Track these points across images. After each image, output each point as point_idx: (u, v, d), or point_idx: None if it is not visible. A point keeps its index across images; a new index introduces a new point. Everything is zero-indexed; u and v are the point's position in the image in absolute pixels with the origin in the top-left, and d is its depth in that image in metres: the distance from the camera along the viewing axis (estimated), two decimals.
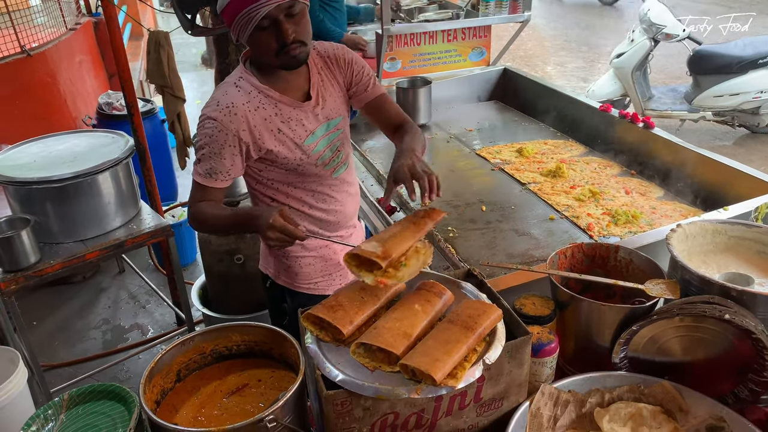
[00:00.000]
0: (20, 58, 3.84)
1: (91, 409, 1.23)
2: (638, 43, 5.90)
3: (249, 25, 1.55)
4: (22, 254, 2.48)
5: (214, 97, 1.69)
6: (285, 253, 1.90)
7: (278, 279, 1.97)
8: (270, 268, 1.99)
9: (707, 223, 1.58)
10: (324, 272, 1.96)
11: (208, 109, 1.67)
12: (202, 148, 1.68)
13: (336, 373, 1.15)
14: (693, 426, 1.30)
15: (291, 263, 1.92)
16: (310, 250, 1.91)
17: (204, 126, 1.66)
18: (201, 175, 1.69)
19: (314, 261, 1.93)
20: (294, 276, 1.94)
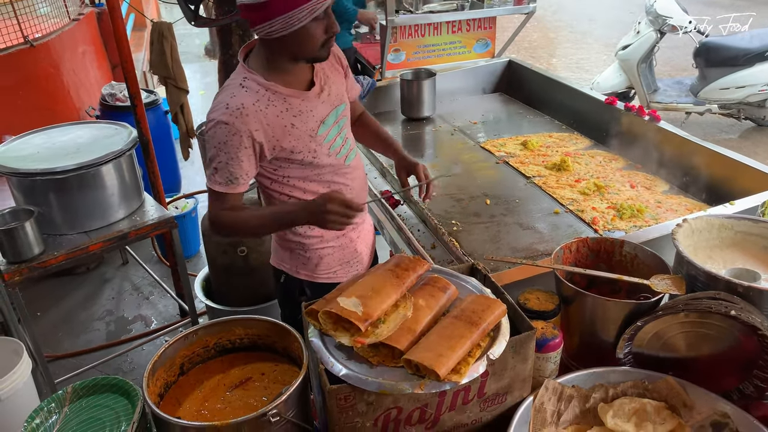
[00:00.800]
0: (23, 49, 3.82)
1: (95, 402, 1.23)
2: (644, 34, 5.85)
3: (310, 15, 1.52)
4: (25, 245, 2.49)
5: (221, 101, 1.64)
6: (304, 246, 1.90)
7: (297, 273, 1.96)
8: (285, 264, 1.98)
9: (713, 218, 1.57)
10: (342, 260, 1.98)
11: (217, 114, 1.62)
12: (216, 156, 1.63)
13: (339, 367, 1.14)
14: (697, 422, 1.29)
15: (311, 255, 1.92)
16: (329, 240, 1.92)
17: (216, 132, 1.61)
18: (221, 184, 1.65)
19: (333, 251, 1.94)
20: (314, 267, 1.94)
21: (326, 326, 1.20)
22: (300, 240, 1.89)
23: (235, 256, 3.00)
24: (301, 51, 1.63)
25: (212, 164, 1.65)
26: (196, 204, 4.18)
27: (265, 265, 3.10)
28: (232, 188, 1.66)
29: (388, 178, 2.67)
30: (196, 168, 5.26)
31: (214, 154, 1.63)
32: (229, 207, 1.69)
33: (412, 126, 3.32)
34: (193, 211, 4.10)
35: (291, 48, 1.63)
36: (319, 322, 1.22)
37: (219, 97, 1.67)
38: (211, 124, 1.63)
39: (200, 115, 6.60)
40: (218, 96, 1.68)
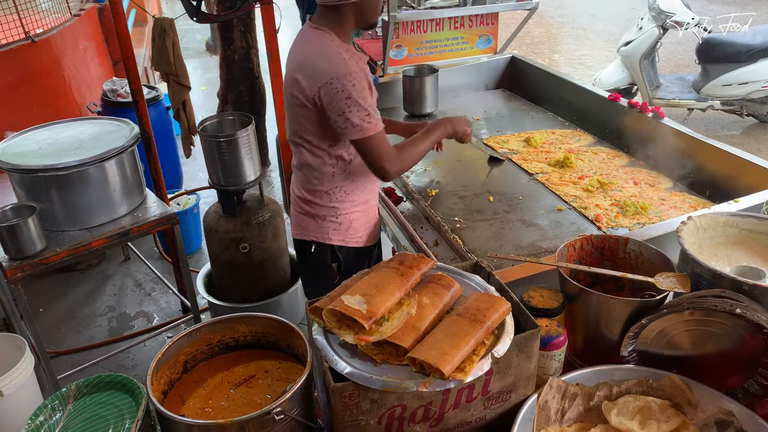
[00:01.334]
0: (25, 45, 3.82)
1: (99, 400, 1.23)
2: (647, 30, 5.84)
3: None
4: (28, 242, 2.49)
5: (334, 57, 1.79)
6: (337, 211, 2.07)
7: (329, 240, 2.11)
8: (314, 234, 2.11)
9: (718, 216, 1.56)
10: (366, 225, 2.17)
11: (344, 68, 1.77)
12: (364, 102, 1.79)
13: (344, 365, 1.14)
14: (702, 420, 1.29)
15: (342, 220, 2.09)
16: (357, 205, 2.10)
17: (353, 82, 1.76)
18: (378, 123, 1.83)
19: (360, 215, 2.12)
20: (345, 232, 2.11)
21: (330, 324, 1.20)
22: (335, 205, 2.06)
23: (237, 252, 3.00)
24: (371, 16, 1.91)
25: (362, 113, 1.78)
26: (198, 200, 4.18)
27: (267, 262, 3.12)
28: (381, 123, 1.86)
29: None
30: (198, 164, 5.25)
31: (362, 103, 1.78)
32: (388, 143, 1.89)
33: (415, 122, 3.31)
34: (195, 207, 4.10)
35: (364, 13, 1.88)
36: (324, 320, 1.21)
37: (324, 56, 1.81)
38: (345, 78, 1.76)
39: (203, 111, 6.60)
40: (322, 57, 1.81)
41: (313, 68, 1.80)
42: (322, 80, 1.77)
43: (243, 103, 4.84)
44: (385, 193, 2.50)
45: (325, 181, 2.02)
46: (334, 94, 1.76)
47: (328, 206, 2.07)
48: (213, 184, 2.98)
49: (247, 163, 2.91)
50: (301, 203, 2.12)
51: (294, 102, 1.89)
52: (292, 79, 1.88)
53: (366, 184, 2.11)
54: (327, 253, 2.14)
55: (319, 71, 1.79)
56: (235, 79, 4.79)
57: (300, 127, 1.94)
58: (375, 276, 1.29)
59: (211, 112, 6.49)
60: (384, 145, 1.86)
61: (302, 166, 2.05)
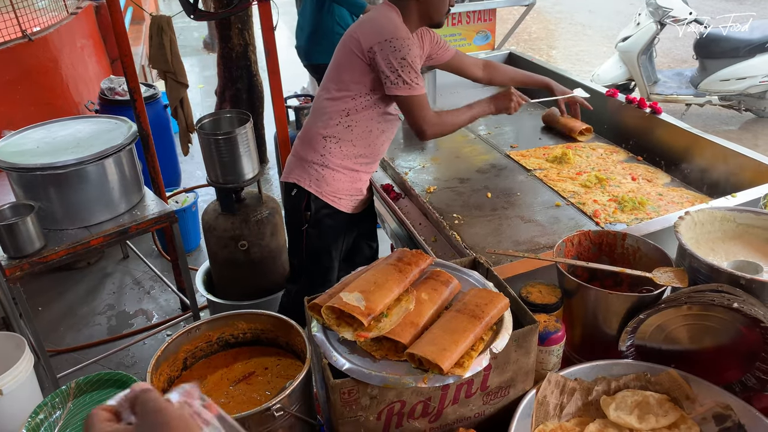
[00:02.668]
0: (22, 43, 3.81)
1: (98, 398, 1.24)
2: (644, 26, 5.84)
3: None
4: (26, 240, 2.49)
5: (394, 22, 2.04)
6: (322, 162, 2.23)
7: (308, 186, 2.26)
8: (297, 177, 2.28)
9: (716, 211, 1.57)
10: (347, 192, 2.30)
11: (401, 32, 2.02)
12: (415, 67, 2.03)
13: (343, 361, 1.14)
14: (700, 414, 1.30)
15: (325, 173, 2.24)
16: (344, 168, 2.26)
17: (410, 47, 2.01)
18: (422, 86, 2.07)
19: (344, 178, 2.27)
20: (324, 186, 2.26)
21: (329, 321, 1.20)
22: (323, 153, 2.22)
23: (236, 250, 3.00)
24: (437, 14, 2.11)
25: (411, 74, 2.02)
26: (196, 198, 4.18)
27: (266, 259, 3.12)
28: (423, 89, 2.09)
29: (388, 172, 2.67)
30: (195, 162, 5.25)
31: (413, 66, 2.02)
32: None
33: None
34: (194, 205, 4.10)
35: (430, 9, 2.09)
36: (322, 316, 1.22)
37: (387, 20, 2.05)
38: (401, 41, 2.00)
39: (200, 109, 6.59)
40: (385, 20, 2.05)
41: (376, 26, 2.04)
42: (382, 37, 2.00)
43: (241, 101, 4.84)
44: (383, 189, 2.50)
45: (329, 125, 2.20)
46: (392, 51, 1.99)
47: (319, 152, 2.23)
48: (211, 182, 2.99)
49: (246, 161, 2.91)
50: (297, 146, 2.31)
51: (343, 54, 2.13)
52: (349, 36, 2.12)
53: (361, 154, 2.26)
54: (303, 199, 2.29)
55: (380, 29, 2.02)
56: (232, 76, 4.79)
57: (345, 77, 2.14)
58: (373, 272, 1.29)
59: (208, 109, 6.49)
60: (426, 107, 2.10)
61: (316, 110, 2.24)
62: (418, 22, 2.15)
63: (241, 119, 3.00)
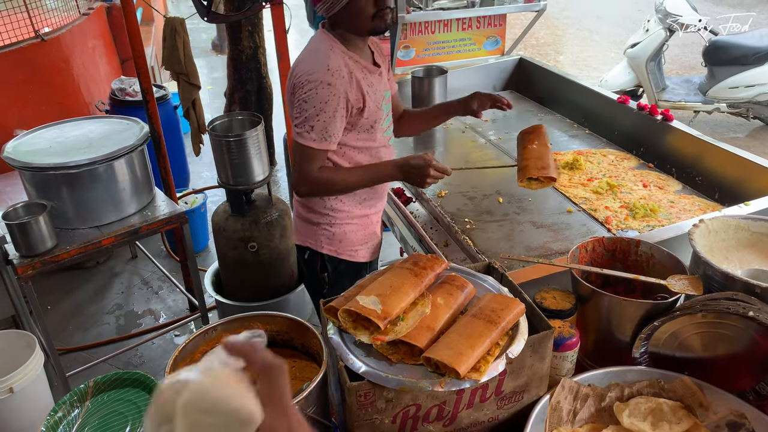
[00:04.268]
0: (34, 43, 3.83)
1: (116, 397, 1.24)
2: (653, 32, 5.83)
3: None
4: (38, 239, 2.50)
5: (319, 62, 1.77)
6: (330, 221, 2.04)
7: (320, 248, 2.08)
8: (310, 240, 2.10)
9: (730, 219, 1.57)
10: (363, 240, 2.12)
11: (319, 75, 1.75)
12: (316, 114, 1.77)
13: (359, 364, 1.15)
14: (713, 422, 1.30)
15: (336, 230, 2.06)
16: (353, 218, 2.07)
17: (317, 91, 1.75)
18: (317, 141, 1.79)
19: (357, 228, 2.09)
20: (338, 243, 2.08)
21: (346, 324, 1.21)
22: (329, 213, 2.03)
23: (246, 251, 3.01)
24: (356, 25, 1.81)
25: (309, 122, 1.78)
26: (205, 199, 4.19)
27: (275, 261, 3.13)
28: (326, 145, 1.81)
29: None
30: (204, 163, 5.27)
31: (313, 113, 1.77)
32: (322, 164, 1.86)
33: None
34: (203, 206, 4.11)
35: (348, 20, 1.81)
36: (339, 319, 1.22)
37: (312, 58, 1.80)
38: (313, 84, 1.75)
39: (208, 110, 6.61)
40: (310, 57, 1.81)
41: (299, 64, 1.83)
42: (297, 76, 1.80)
43: (250, 103, 4.86)
44: (394, 193, 2.51)
45: None
46: (296, 91, 1.80)
47: (322, 212, 2.04)
48: (222, 184, 3.00)
49: (256, 163, 2.92)
50: (299, 207, 2.11)
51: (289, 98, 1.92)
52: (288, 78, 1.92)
53: (366, 198, 2.07)
54: (317, 262, 2.12)
55: (300, 67, 1.81)
56: (242, 78, 4.81)
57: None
58: (389, 276, 1.30)
59: (217, 111, 6.51)
60: (308, 163, 1.84)
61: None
62: (351, 35, 1.86)
63: (252, 121, 3.01)
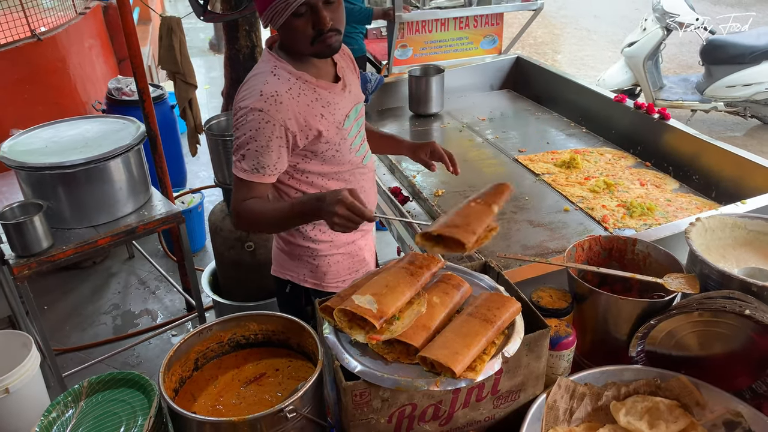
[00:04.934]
0: (31, 43, 3.82)
1: (111, 397, 1.24)
2: (650, 31, 5.84)
3: (286, 11, 1.50)
4: (34, 239, 2.49)
5: (253, 87, 1.60)
6: (312, 253, 1.85)
7: (303, 282, 1.90)
8: (290, 273, 1.91)
9: (726, 217, 1.57)
10: (351, 269, 1.93)
11: (250, 101, 1.57)
12: (246, 143, 1.59)
13: (355, 364, 1.15)
14: (710, 420, 1.30)
15: (319, 263, 1.86)
16: (339, 247, 1.87)
17: (247, 119, 1.57)
18: (247, 171, 1.61)
19: (342, 258, 1.89)
20: (322, 276, 1.89)
21: (341, 323, 1.21)
22: (309, 245, 1.84)
23: (243, 251, 3.00)
24: (295, 45, 1.62)
25: (240, 151, 1.60)
26: (202, 199, 4.19)
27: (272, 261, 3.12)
28: (258, 177, 1.61)
29: (396, 175, 2.67)
30: (200, 163, 5.26)
31: (243, 141, 1.59)
32: (254, 196, 1.64)
33: (420, 122, 3.32)
34: (200, 206, 4.11)
35: (288, 42, 1.63)
36: (334, 319, 1.22)
37: (249, 83, 1.63)
38: (243, 110, 1.58)
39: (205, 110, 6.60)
40: (248, 82, 1.64)
41: (242, 88, 1.66)
42: (234, 102, 1.65)
43: None
44: (391, 192, 2.50)
45: None
46: (234, 120, 1.63)
47: (303, 245, 1.84)
48: (219, 183, 2.99)
49: None
50: (278, 239, 1.93)
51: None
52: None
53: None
54: (302, 296, 1.93)
55: (237, 94, 1.65)
56: (239, 78, 4.78)
57: None
58: (385, 275, 1.29)
59: (214, 110, 6.50)
60: (241, 194, 1.64)
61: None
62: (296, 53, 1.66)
63: None
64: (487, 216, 1.25)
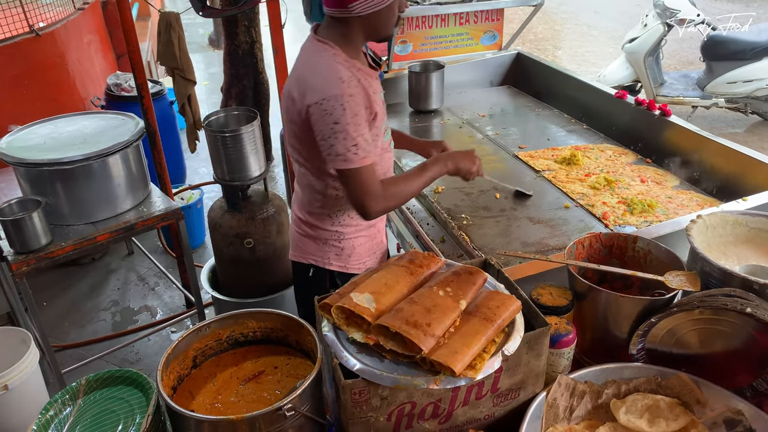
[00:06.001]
0: (29, 38, 3.80)
1: (109, 395, 1.23)
2: (651, 27, 5.82)
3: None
4: (33, 236, 2.49)
5: (329, 76, 1.63)
6: (339, 236, 1.93)
7: (328, 265, 1.97)
8: (313, 256, 1.97)
9: (728, 214, 1.56)
10: (371, 251, 2.02)
11: (337, 89, 1.60)
12: (354, 131, 1.61)
13: (354, 362, 1.14)
14: (710, 418, 1.29)
15: (344, 245, 1.95)
16: (362, 230, 1.96)
17: (345, 106, 1.60)
18: (366, 157, 1.64)
19: (364, 240, 1.98)
20: (347, 258, 1.97)
21: (339, 321, 1.20)
22: (338, 229, 1.92)
23: (242, 247, 2.99)
24: (385, 27, 1.73)
25: (349, 143, 1.61)
26: (202, 195, 4.18)
27: (271, 257, 3.11)
28: (372, 156, 1.67)
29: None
30: (200, 159, 5.25)
31: (351, 131, 1.61)
32: (378, 179, 1.70)
33: (420, 118, 3.31)
34: (199, 202, 4.10)
35: (377, 24, 1.71)
36: (333, 316, 1.21)
37: (319, 72, 1.66)
38: (336, 101, 1.60)
39: (205, 105, 6.59)
40: (317, 71, 1.66)
41: (307, 85, 1.66)
42: (313, 99, 1.63)
43: (246, 98, 4.84)
44: None
45: (328, 203, 1.87)
46: (322, 115, 1.62)
47: (331, 230, 1.92)
48: (218, 179, 2.98)
49: (252, 159, 2.90)
50: (302, 225, 1.98)
51: (290, 119, 1.77)
52: (288, 96, 1.75)
53: None
54: (326, 278, 2.01)
55: (311, 89, 1.64)
56: (239, 74, 4.79)
57: (300, 146, 1.80)
58: (385, 273, 1.29)
59: (214, 106, 6.49)
60: (369, 181, 1.67)
61: (304, 187, 1.91)
62: (363, 39, 1.77)
63: (248, 117, 2.99)
64: (453, 312, 1.19)
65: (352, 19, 1.68)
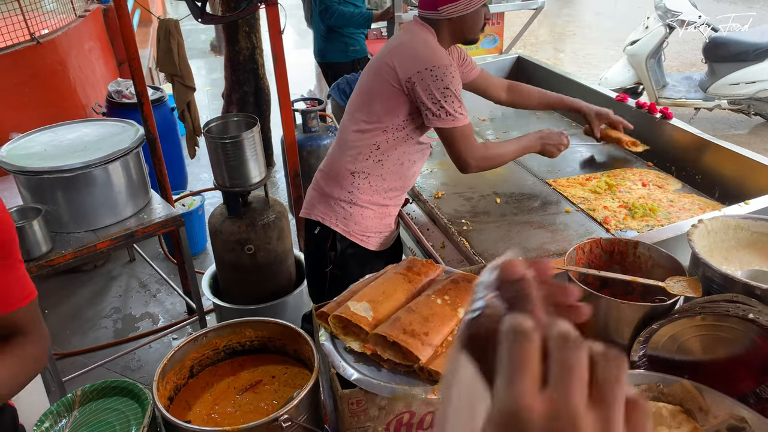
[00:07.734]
0: (30, 46, 3.81)
1: (104, 406, 1.22)
2: (653, 29, 5.80)
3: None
4: (33, 244, 2.48)
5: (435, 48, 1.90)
6: (351, 199, 2.06)
7: (333, 225, 2.09)
8: (322, 215, 2.11)
9: (729, 219, 1.54)
10: (376, 229, 2.14)
11: (445, 59, 1.87)
12: (457, 95, 1.88)
13: (351, 371, 1.13)
14: (713, 426, 1.27)
15: (353, 211, 2.07)
16: (373, 204, 2.09)
17: (453, 74, 1.86)
18: (468, 117, 1.93)
19: (373, 215, 2.10)
20: (352, 225, 2.09)
21: (336, 330, 1.19)
22: (351, 190, 2.06)
23: (243, 254, 2.99)
24: (472, 31, 1.97)
25: (456, 103, 1.88)
26: (203, 201, 4.17)
27: (272, 263, 3.10)
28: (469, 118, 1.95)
29: None
30: (201, 165, 5.25)
31: (458, 94, 1.89)
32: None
33: None
34: (200, 208, 4.09)
35: (464, 28, 1.95)
36: (330, 325, 1.20)
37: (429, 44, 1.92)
38: (445, 69, 1.84)
39: (207, 111, 6.60)
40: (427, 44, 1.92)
41: (414, 53, 1.89)
42: (422, 65, 1.84)
43: (248, 104, 4.84)
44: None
45: (358, 160, 2.04)
46: (433, 81, 1.84)
47: (346, 188, 2.07)
48: (218, 186, 2.98)
49: (253, 165, 2.90)
50: (320, 181, 2.14)
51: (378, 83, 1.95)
52: (382, 64, 1.94)
53: (391, 188, 2.12)
54: (328, 239, 2.12)
55: (419, 56, 1.87)
56: (239, 79, 4.79)
57: (378, 107, 1.98)
58: (383, 282, 1.28)
59: (215, 112, 6.49)
60: (471, 139, 1.96)
61: (342, 143, 2.08)
62: (450, 40, 2.01)
63: (248, 123, 2.99)
64: (451, 321, 1.18)
65: (441, 22, 1.93)
